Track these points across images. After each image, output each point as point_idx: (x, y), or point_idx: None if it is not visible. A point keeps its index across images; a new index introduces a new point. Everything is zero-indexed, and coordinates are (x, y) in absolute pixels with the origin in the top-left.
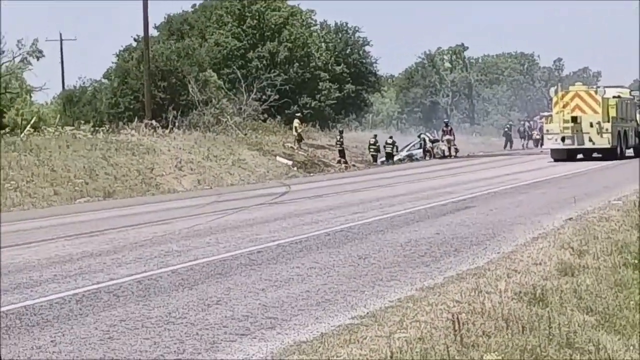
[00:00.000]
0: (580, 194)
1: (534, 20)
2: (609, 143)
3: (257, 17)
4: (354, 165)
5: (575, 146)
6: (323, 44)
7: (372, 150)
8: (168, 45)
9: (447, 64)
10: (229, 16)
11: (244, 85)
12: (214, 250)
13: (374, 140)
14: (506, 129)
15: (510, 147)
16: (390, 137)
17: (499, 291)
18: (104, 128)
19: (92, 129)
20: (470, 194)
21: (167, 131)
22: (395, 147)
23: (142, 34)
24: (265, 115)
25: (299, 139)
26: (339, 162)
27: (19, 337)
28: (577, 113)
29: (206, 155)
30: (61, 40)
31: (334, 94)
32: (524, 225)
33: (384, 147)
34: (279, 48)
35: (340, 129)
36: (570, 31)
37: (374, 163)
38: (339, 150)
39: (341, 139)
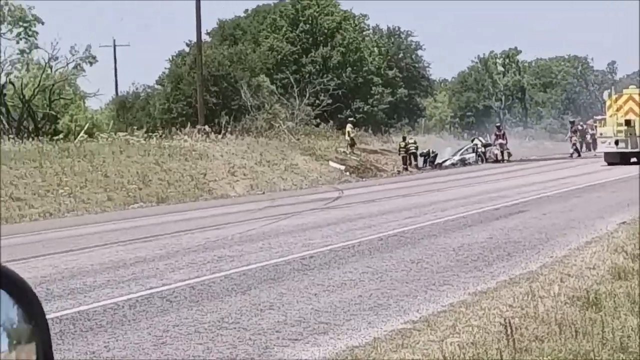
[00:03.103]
0: (634, 197)
1: (588, 23)
2: None
3: (310, 22)
4: (406, 169)
5: (629, 150)
6: (375, 48)
7: (412, 149)
8: (221, 50)
9: (500, 68)
10: (283, 20)
11: (296, 90)
12: (266, 255)
13: (412, 140)
14: (580, 128)
15: (587, 149)
16: (404, 138)
17: (552, 295)
18: (157, 134)
19: (145, 134)
20: (523, 198)
21: (219, 136)
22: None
23: (194, 39)
24: (318, 120)
25: (352, 143)
26: (404, 169)
27: (73, 343)
28: (630, 116)
29: (259, 160)
30: (114, 46)
31: (386, 98)
32: (577, 229)
33: (406, 147)
34: (331, 53)
35: (404, 136)
36: (624, 34)
37: (418, 165)
38: (403, 157)
39: (406, 146)
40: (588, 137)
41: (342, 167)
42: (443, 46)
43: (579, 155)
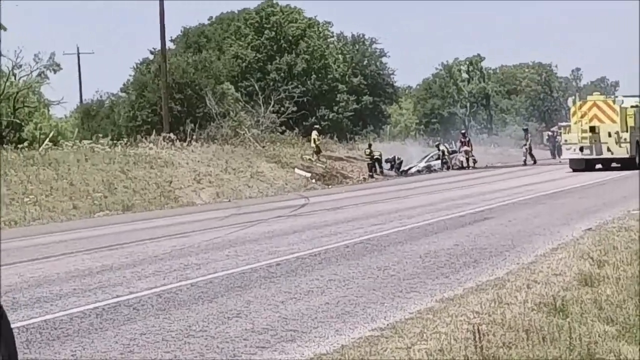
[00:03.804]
0: (599, 204)
1: (552, 30)
2: (628, 153)
3: (275, 29)
4: (372, 177)
5: (594, 156)
6: (340, 55)
7: (377, 155)
8: (185, 58)
9: (465, 75)
10: (247, 28)
11: (261, 98)
12: (233, 263)
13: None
14: (550, 134)
15: (559, 155)
16: (369, 145)
17: (519, 302)
18: (122, 141)
19: (110, 142)
20: (489, 204)
21: (185, 144)
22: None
23: (159, 47)
24: (283, 128)
25: (318, 150)
26: (370, 176)
27: (40, 352)
28: (595, 123)
29: (224, 167)
30: (78, 53)
31: (351, 105)
32: (543, 235)
33: (371, 154)
34: (296, 60)
35: (369, 143)
36: (588, 41)
37: (383, 172)
38: (368, 164)
39: (371, 153)
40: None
41: (308, 175)
42: (407, 53)
43: (534, 162)
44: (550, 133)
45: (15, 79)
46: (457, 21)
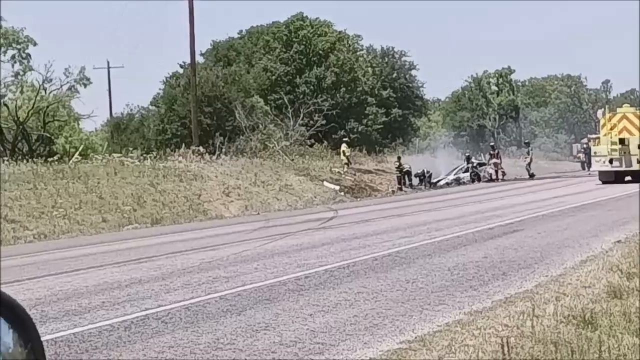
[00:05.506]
0: (628, 216)
1: (582, 42)
2: None
3: (304, 43)
4: (400, 189)
5: (623, 168)
6: (369, 68)
7: (406, 167)
8: (215, 71)
9: (494, 87)
10: (277, 42)
11: (290, 111)
12: (261, 275)
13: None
14: (584, 147)
15: (589, 168)
16: (398, 158)
17: (548, 315)
18: (151, 155)
19: (139, 155)
20: (518, 217)
21: (214, 157)
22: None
23: (188, 60)
24: (312, 141)
25: (348, 162)
26: (399, 189)
27: None
28: (624, 135)
29: (253, 180)
30: (108, 67)
31: (380, 118)
32: (572, 248)
33: (400, 167)
34: (325, 73)
35: (398, 156)
36: (618, 53)
37: (412, 185)
38: (397, 177)
39: (401, 166)
40: (583, 156)
41: (337, 187)
42: (437, 66)
43: (531, 177)
44: (585, 145)
45: (45, 93)
46: (486, 33)
